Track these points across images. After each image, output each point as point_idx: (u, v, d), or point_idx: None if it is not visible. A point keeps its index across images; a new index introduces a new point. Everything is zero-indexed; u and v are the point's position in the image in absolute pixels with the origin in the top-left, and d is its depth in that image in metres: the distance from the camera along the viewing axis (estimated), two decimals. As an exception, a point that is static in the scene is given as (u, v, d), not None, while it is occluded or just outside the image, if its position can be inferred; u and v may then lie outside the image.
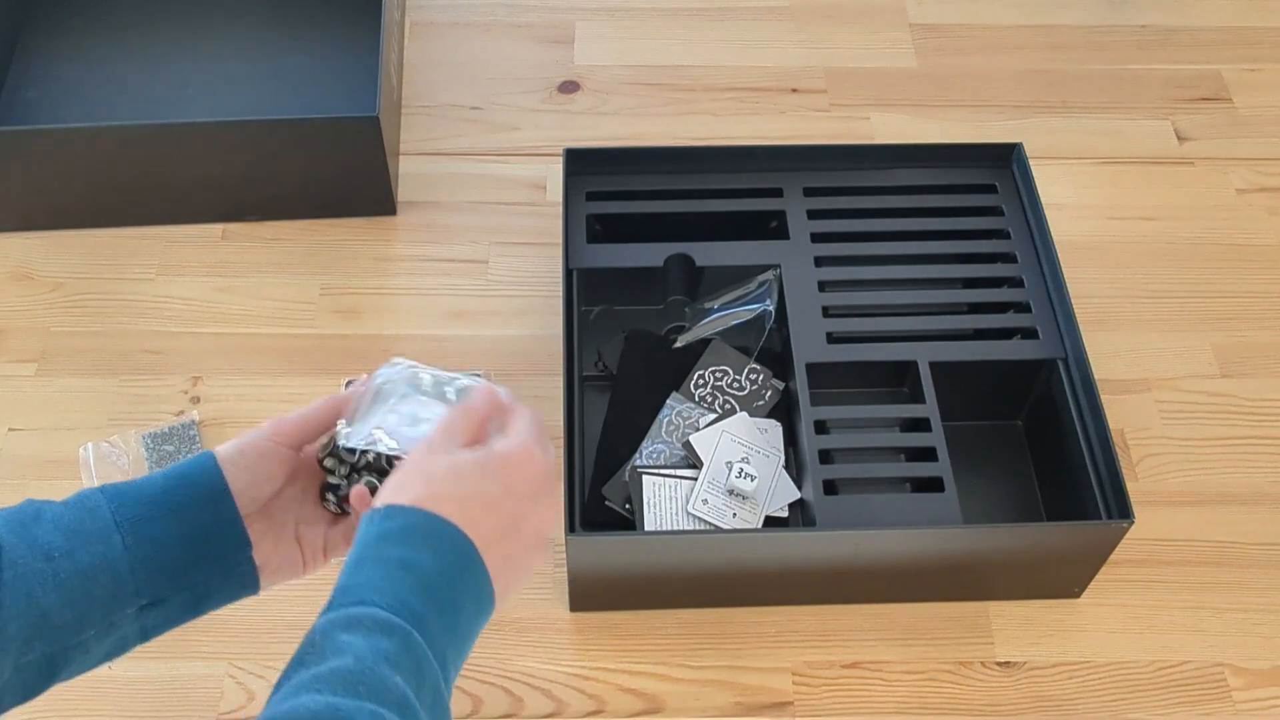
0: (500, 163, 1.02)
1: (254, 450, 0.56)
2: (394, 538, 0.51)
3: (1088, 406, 0.77)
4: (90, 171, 0.92)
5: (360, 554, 0.51)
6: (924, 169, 0.90)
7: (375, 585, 0.49)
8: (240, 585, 0.56)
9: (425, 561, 0.50)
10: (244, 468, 0.56)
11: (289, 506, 0.59)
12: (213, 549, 0.55)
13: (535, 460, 0.53)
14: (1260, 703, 0.75)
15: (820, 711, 0.74)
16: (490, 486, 0.52)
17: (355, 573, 0.50)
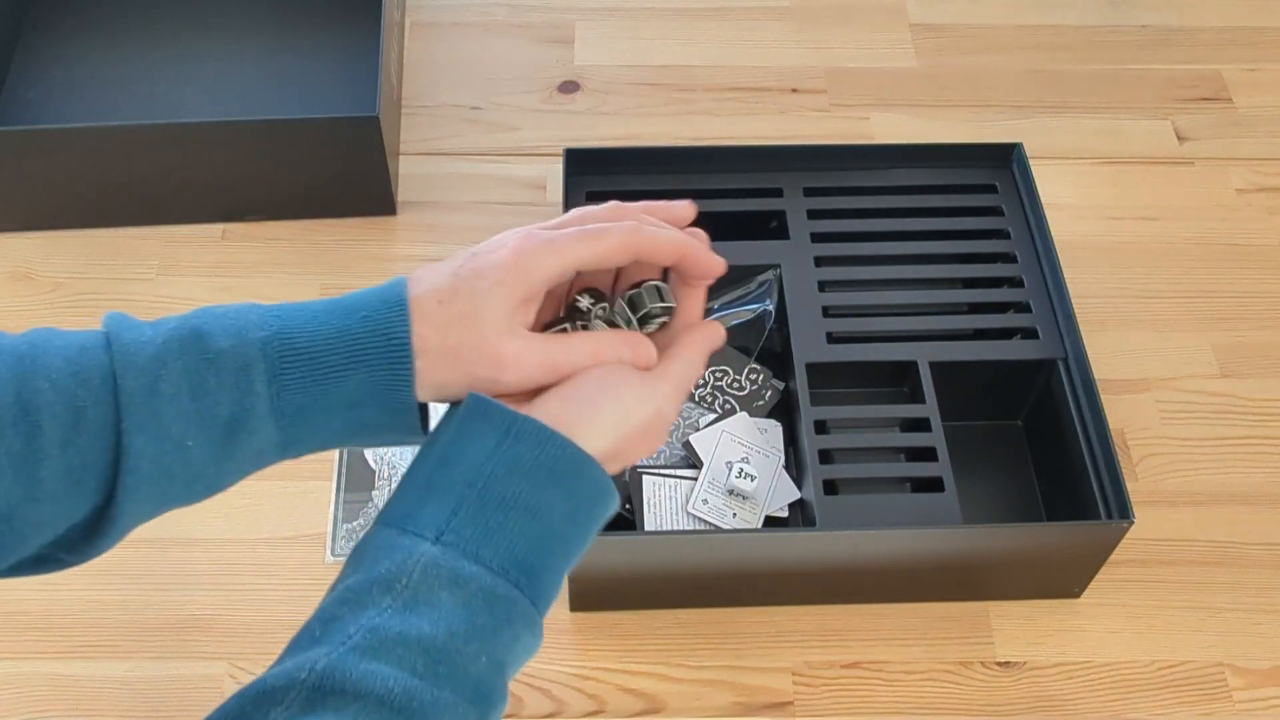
0: (500, 163, 1.02)
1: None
2: (524, 470, 0.46)
3: (1088, 406, 0.77)
4: (90, 171, 0.92)
5: (481, 472, 0.46)
6: (924, 169, 0.90)
7: (491, 535, 0.45)
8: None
9: (557, 505, 0.46)
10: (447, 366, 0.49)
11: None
12: (381, 435, 0.51)
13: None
14: (1260, 703, 0.75)
15: (820, 711, 0.74)
16: (644, 440, 0.51)
17: (471, 498, 0.45)
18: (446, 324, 0.48)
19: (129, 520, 0.47)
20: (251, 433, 0.47)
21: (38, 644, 0.76)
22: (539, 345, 0.49)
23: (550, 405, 0.49)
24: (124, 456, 0.45)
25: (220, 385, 0.46)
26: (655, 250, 0.52)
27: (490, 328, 0.48)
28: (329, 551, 0.79)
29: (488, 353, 0.48)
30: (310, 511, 0.81)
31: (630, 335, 0.53)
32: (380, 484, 0.82)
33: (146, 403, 0.45)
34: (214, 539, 0.80)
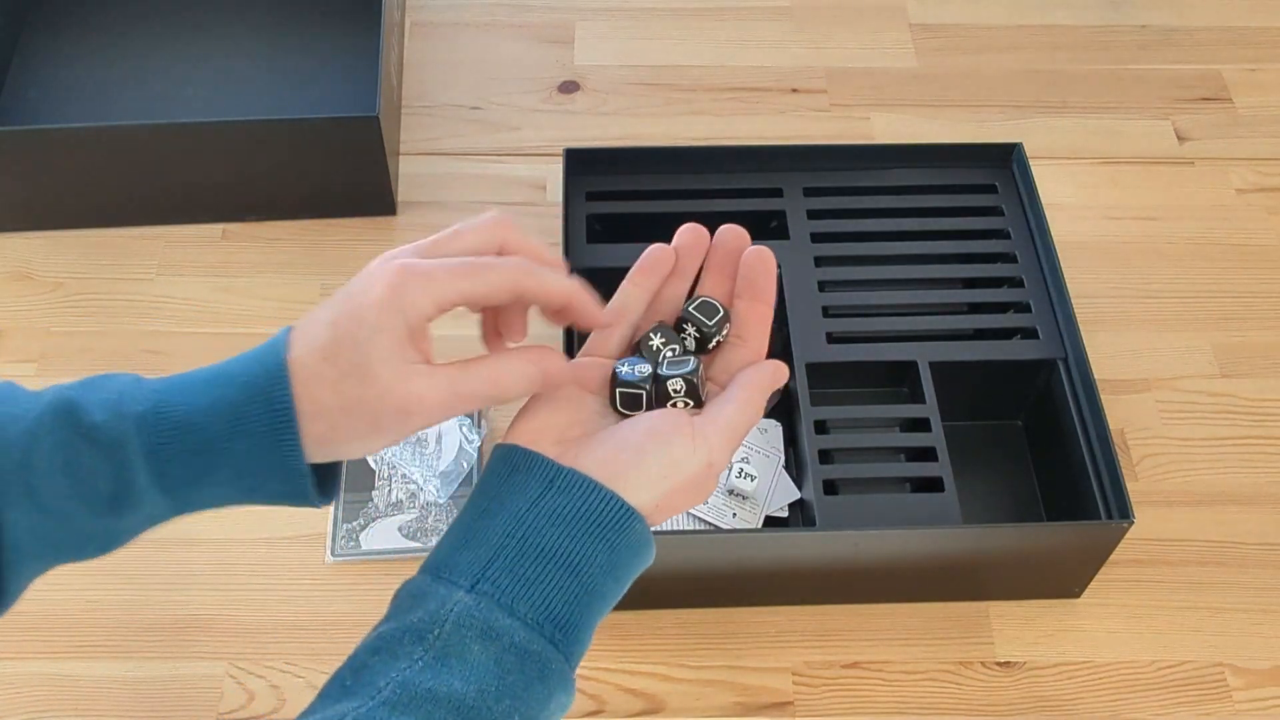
0: (500, 163, 1.02)
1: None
2: (565, 522, 0.45)
3: (1088, 406, 0.77)
4: (90, 171, 0.92)
5: (521, 523, 0.45)
6: (924, 169, 0.90)
7: (525, 589, 0.44)
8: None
9: (597, 558, 0.45)
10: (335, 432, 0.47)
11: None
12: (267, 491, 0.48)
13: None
14: (1260, 703, 0.75)
15: (820, 711, 0.74)
16: (691, 492, 0.49)
17: (509, 548, 0.44)
18: (339, 380, 0.46)
19: (17, 584, 0.46)
20: (137, 505, 0.46)
21: (38, 644, 0.76)
22: (442, 381, 0.47)
23: (596, 453, 0.47)
24: (3, 530, 0.44)
25: (96, 461, 0.45)
26: (541, 294, 0.50)
27: (386, 376, 0.46)
28: (329, 551, 0.79)
29: (390, 402, 0.46)
30: (310, 511, 0.81)
31: (533, 351, 0.50)
32: (380, 484, 0.82)
33: (18, 478, 0.44)
34: (214, 539, 0.80)
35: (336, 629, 0.77)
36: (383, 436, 0.47)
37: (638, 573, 0.47)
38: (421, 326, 0.47)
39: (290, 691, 0.74)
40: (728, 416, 0.50)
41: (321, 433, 0.46)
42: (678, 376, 0.51)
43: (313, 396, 0.46)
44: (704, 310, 0.53)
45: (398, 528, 0.80)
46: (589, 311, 0.52)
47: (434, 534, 0.80)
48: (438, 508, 0.81)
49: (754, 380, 0.51)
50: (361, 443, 0.47)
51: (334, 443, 0.47)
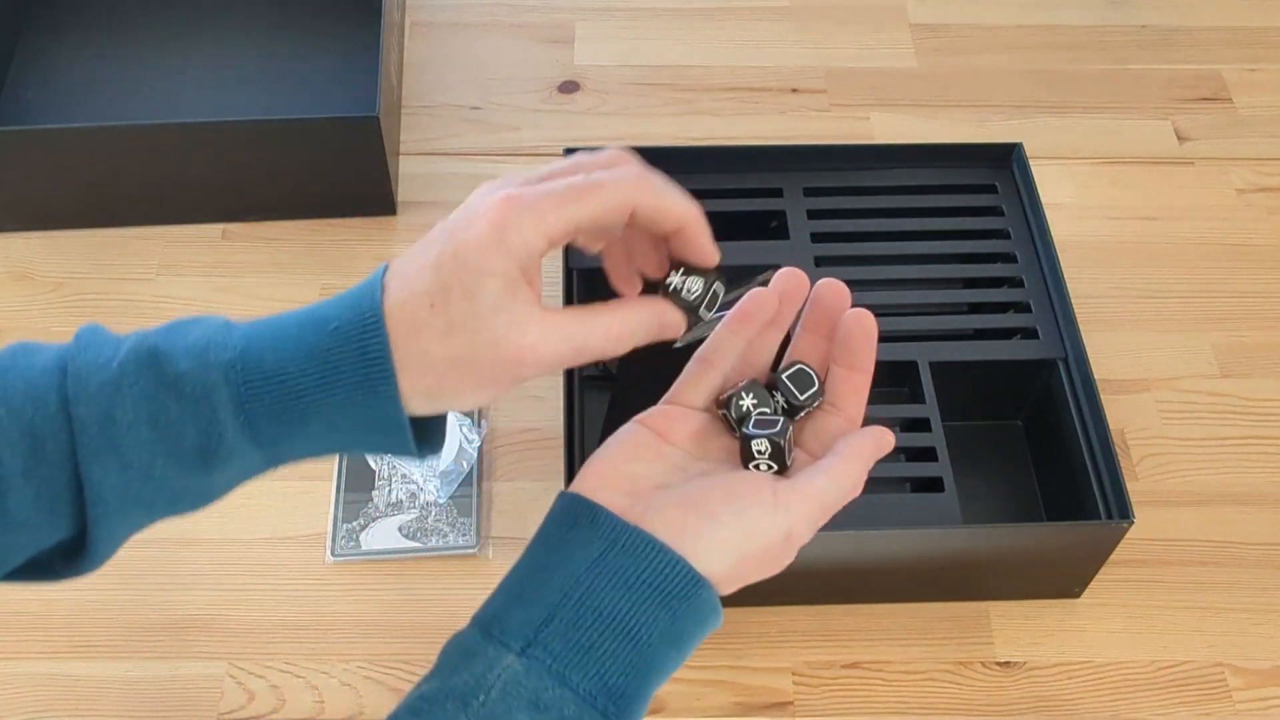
0: (500, 163, 1.02)
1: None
2: (627, 585, 0.42)
3: (1088, 406, 0.77)
4: (90, 171, 0.92)
5: (579, 584, 0.42)
6: (924, 169, 0.90)
7: (580, 656, 0.41)
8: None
9: (659, 626, 0.42)
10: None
11: None
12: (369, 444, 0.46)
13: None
14: (1260, 703, 0.75)
15: (820, 711, 0.74)
16: (767, 562, 0.46)
17: (566, 610, 0.41)
18: (448, 331, 0.42)
19: (110, 543, 0.44)
20: (227, 458, 0.43)
21: (38, 644, 0.76)
22: (556, 330, 0.43)
23: (667, 512, 0.44)
24: (86, 487, 0.42)
25: (182, 412, 0.42)
26: (655, 212, 0.46)
27: (500, 325, 0.42)
28: (329, 551, 0.79)
29: (504, 352, 0.42)
30: (310, 511, 0.81)
31: (653, 302, 0.47)
32: (380, 484, 0.82)
33: (102, 432, 0.42)
34: (214, 539, 0.80)
35: (336, 629, 0.77)
36: (494, 388, 0.44)
37: (700, 641, 0.44)
38: (532, 263, 0.43)
39: (290, 691, 0.74)
40: (818, 486, 0.46)
41: (428, 386, 0.43)
42: (763, 437, 0.47)
43: (419, 349, 0.42)
44: (798, 380, 0.50)
45: (398, 528, 0.80)
46: (702, 243, 0.47)
47: (434, 534, 0.80)
48: (438, 508, 0.81)
49: (854, 449, 0.47)
50: (471, 395, 0.44)
51: (441, 396, 0.44)
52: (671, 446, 0.49)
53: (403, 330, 0.43)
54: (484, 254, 0.42)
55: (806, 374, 0.50)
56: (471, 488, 0.82)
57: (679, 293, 0.48)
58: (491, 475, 0.84)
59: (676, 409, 0.51)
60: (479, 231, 0.42)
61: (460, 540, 0.80)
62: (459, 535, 0.80)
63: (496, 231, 0.42)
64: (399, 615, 0.77)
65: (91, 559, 0.44)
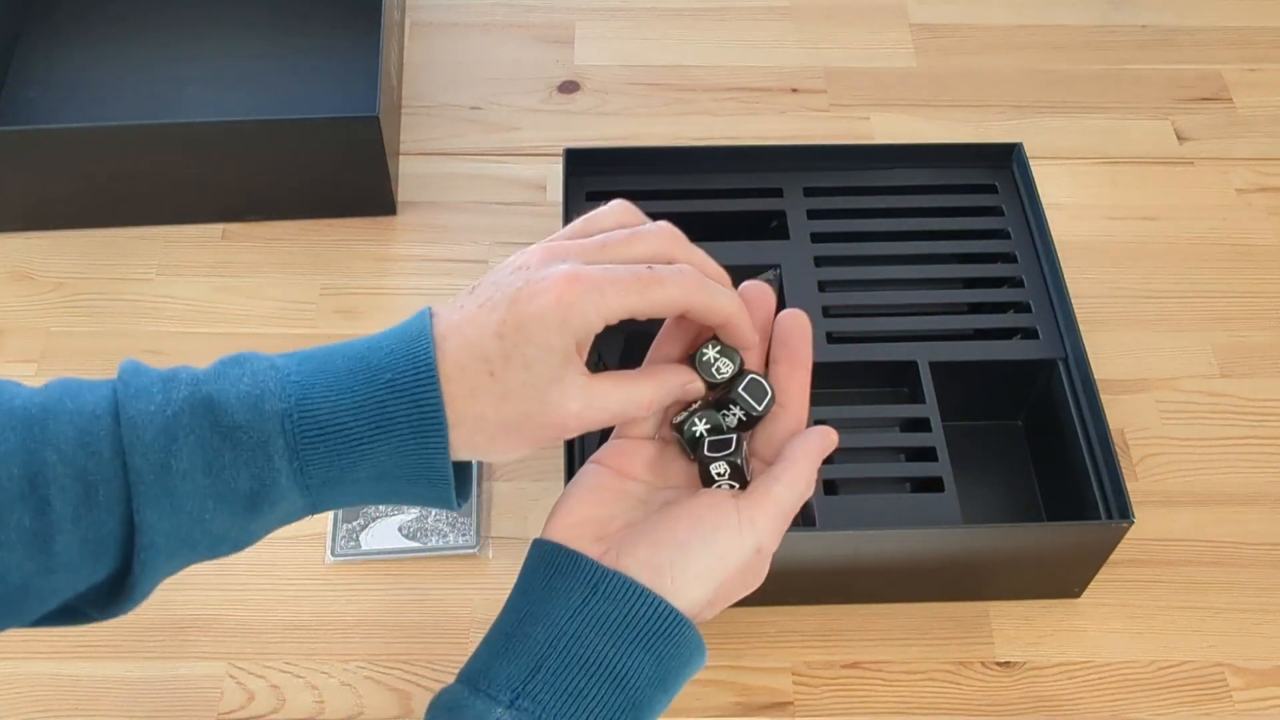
0: (500, 163, 1.02)
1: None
2: (611, 631, 0.43)
3: (1088, 406, 0.77)
4: (90, 171, 0.92)
5: (564, 632, 0.43)
6: (924, 169, 0.90)
7: (568, 704, 0.42)
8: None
9: (645, 669, 0.43)
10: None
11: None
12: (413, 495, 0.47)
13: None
14: (1260, 703, 0.75)
15: (820, 711, 0.74)
16: (744, 579, 0.47)
17: (552, 659, 0.42)
18: (504, 398, 0.44)
19: (149, 584, 0.45)
20: (275, 503, 0.45)
21: (38, 644, 0.76)
22: (599, 399, 0.46)
23: (639, 552, 0.46)
24: (138, 531, 0.43)
25: (237, 461, 0.44)
26: (706, 313, 0.48)
27: (554, 395, 0.44)
28: (329, 551, 0.79)
29: (551, 418, 0.45)
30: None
31: (685, 373, 0.50)
32: (380, 484, 0.82)
33: (157, 480, 0.43)
34: (214, 539, 0.80)
35: (336, 629, 0.77)
36: (532, 447, 0.46)
37: (687, 680, 0.46)
38: (588, 339, 0.46)
39: (290, 691, 0.74)
40: (776, 496, 0.47)
41: (477, 443, 0.45)
42: (721, 460, 0.49)
43: (473, 410, 0.44)
44: (753, 390, 0.51)
45: (398, 528, 0.80)
46: (744, 333, 0.50)
47: (434, 534, 0.80)
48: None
49: (802, 451, 0.49)
50: (512, 452, 0.46)
51: (488, 451, 0.46)
52: (631, 481, 0.50)
53: (460, 392, 0.44)
54: (548, 330, 0.44)
55: (759, 383, 0.51)
56: (472, 488, 0.82)
57: (709, 367, 0.51)
58: (491, 475, 0.84)
59: (629, 442, 0.52)
60: (544, 306, 0.44)
61: (460, 540, 0.80)
62: (459, 535, 0.80)
63: (562, 310, 0.44)
64: (399, 615, 0.77)
65: (131, 600, 0.45)
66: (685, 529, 0.46)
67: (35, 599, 0.44)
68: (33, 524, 0.42)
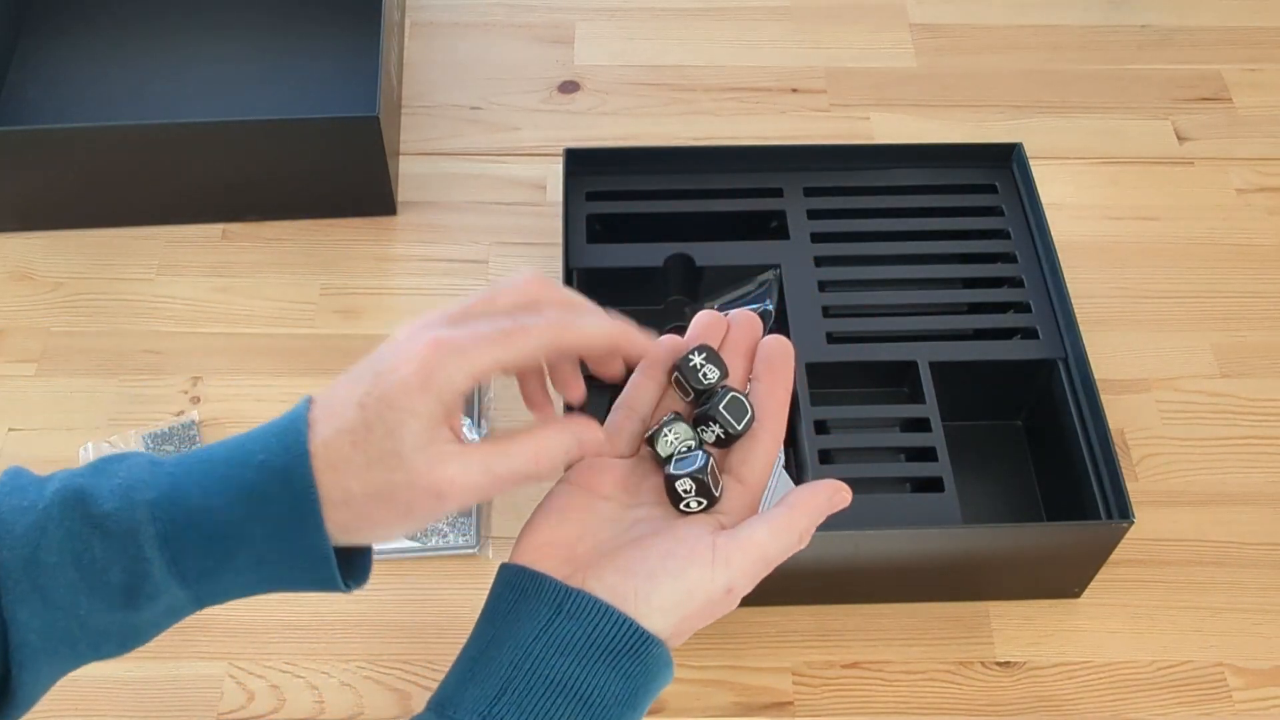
0: (500, 163, 1.02)
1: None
2: (576, 650, 0.42)
3: (1088, 406, 0.77)
4: (90, 171, 0.92)
5: (529, 653, 0.42)
6: (924, 169, 0.90)
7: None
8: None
9: (611, 688, 0.42)
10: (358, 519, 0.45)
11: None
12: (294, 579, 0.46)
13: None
14: (1260, 703, 0.75)
15: (820, 711, 0.74)
16: (710, 613, 0.47)
17: (517, 680, 0.42)
18: (367, 467, 0.43)
19: (35, 690, 0.44)
20: (153, 596, 0.44)
21: (38, 644, 0.76)
22: (476, 462, 0.44)
23: (606, 577, 0.45)
24: (9, 629, 0.42)
25: (107, 552, 0.43)
26: (583, 343, 0.47)
27: (420, 461, 0.43)
28: (329, 551, 0.79)
29: (422, 487, 0.43)
30: (310, 511, 0.81)
31: (571, 422, 0.47)
32: (380, 484, 0.82)
33: (25, 575, 0.42)
34: (214, 539, 0.80)
35: (336, 629, 0.77)
36: (414, 521, 0.45)
37: (655, 696, 0.45)
38: (455, 402, 0.44)
39: (290, 691, 0.74)
40: (758, 540, 0.46)
41: (348, 520, 0.44)
42: (685, 476, 0.48)
43: (339, 484, 0.43)
44: (733, 408, 0.50)
45: (398, 528, 0.80)
46: (637, 345, 0.49)
47: (434, 534, 0.80)
48: (438, 508, 0.81)
49: (807, 503, 0.47)
50: (388, 528, 0.45)
51: (362, 530, 0.45)
52: (601, 500, 0.49)
53: (325, 467, 0.43)
54: (408, 396, 0.43)
55: (740, 401, 0.50)
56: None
57: (695, 373, 0.50)
58: (491, 475, 0.84)
59: (601, 460, 0.51)
60: (405, 375, 0.43)
61: (460, 540, 0.80)
62: (459, 535, 0.80)
63: (422, 375, 0.43)
64: (399, 615, 0.77)
65: (16, 706, 0.44)
66: (656, 559, 0.45)
67: None
68: None
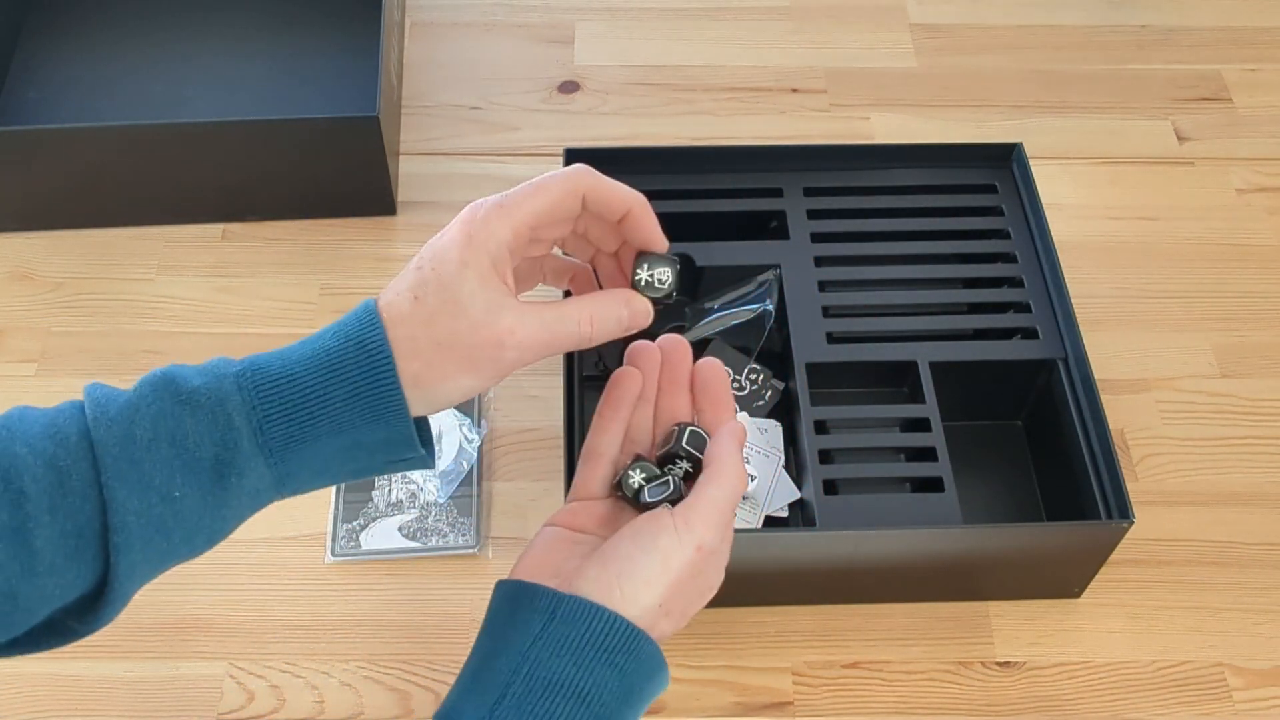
0: (500, 163, 1.02)
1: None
2: (571, 651, 0.44)
3: (1088, 406, 0.77)
4: (90, 171, 0.92)
5: (526, 658, 0.44)
6: (924, 169, 0.90)
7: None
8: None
9: (609, 684, 0.44)
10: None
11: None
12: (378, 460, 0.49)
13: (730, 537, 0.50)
14: (1260, 703, 0.75)
15: (820, 711, 0.74)
16: (697, 583, 0.48)
17: (515, 685, 0.43)
18: (430, 318, 0.47)
19: (130, 583, 0.45)
20: (241, 473, 0.46)
21: (38, 644, 0.76)
22: (533, 315, 0.48)
23: (588, 572, 0.47)
24: (110, 513, 0.44)
25: (198, 426, 0.45)
26: (606, 195, 0.50)
27: (478, 309, 0.47)
28: (329, 551, 0.79)
29: (483, 335, 0.47)
30: (310, 511, 0.81)
31: (623, 292, 0.51)
32: (380, 484, 0.82)
33: (123, 452, 0.44)
34: (214, 539, 0.80)
35: (336, 629, 0.77)
36: (479, 373, 0.47)
37: (654, 696, 0.46)
38: (502, 255, 0.48)
39: (290, 691, 0.74)
40: (708, 496, 0.49)
41: (416, 372, 0.47)
42: (662, 501, 0.51)
43: (406, 335, 0.47)
44: (694, 441, 0.53)
45: (398, 528, 0.80)
46: (650, 227, 0.52)
47: (434, 534, 0.80)
48: (438, 507, 0.81)
49: (723, 449, 0.51)
50: (456, 382, 0.47)
51: (429, 383, 0.47)
52: (584, 535, 0.53)
53: (392, 321, 0.47)
54: (456, 249, 0.48)
55: (698, 434, 0.54)
56: (471, 488, 0.82)
57: (651, 285, 0.53)
58: (491, 475, 0.84)
59: (580, 503, 0.54)
60: (451, 234, 0.49)
61: (460, 540, 0.80)
62: (459, 535, 0.80)
63: (465, 229, 0.48)
64: (399, 615, 0.77)
65: (112, 602, 0.46)
66: (628, 543, 0.48)
67: (23, 608, 0.44)
68: (10, 519, 0.43)
